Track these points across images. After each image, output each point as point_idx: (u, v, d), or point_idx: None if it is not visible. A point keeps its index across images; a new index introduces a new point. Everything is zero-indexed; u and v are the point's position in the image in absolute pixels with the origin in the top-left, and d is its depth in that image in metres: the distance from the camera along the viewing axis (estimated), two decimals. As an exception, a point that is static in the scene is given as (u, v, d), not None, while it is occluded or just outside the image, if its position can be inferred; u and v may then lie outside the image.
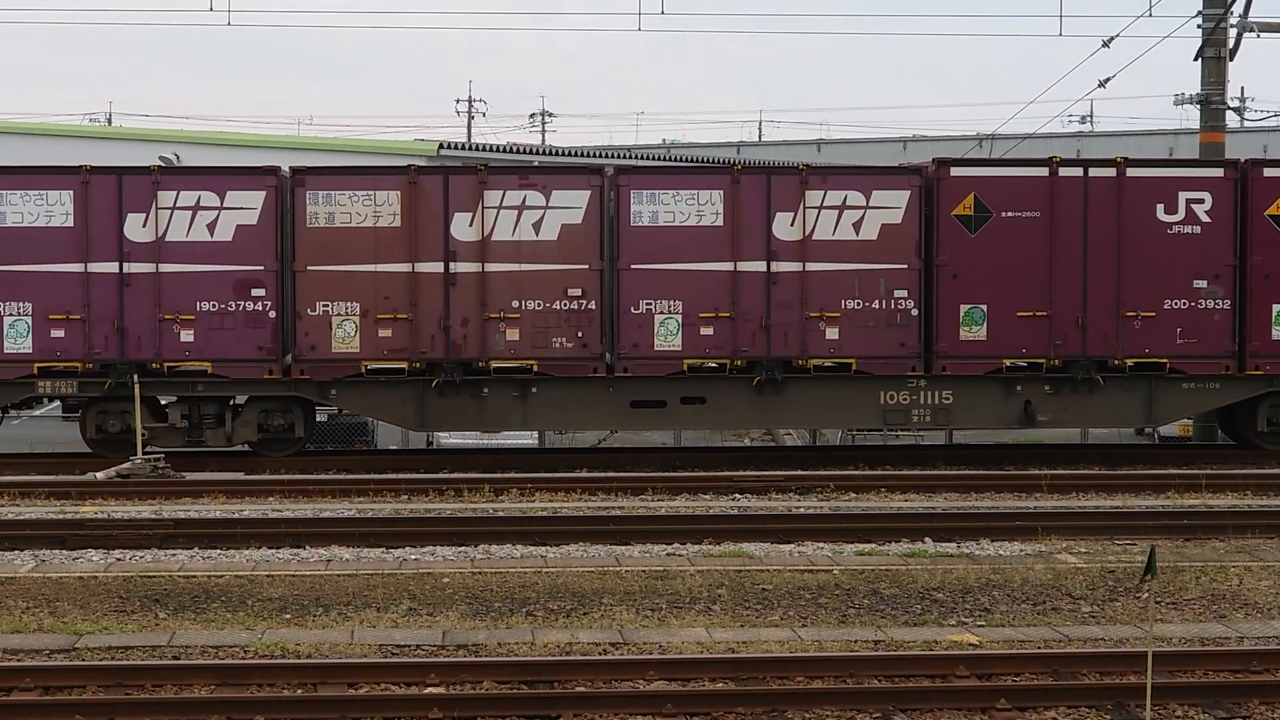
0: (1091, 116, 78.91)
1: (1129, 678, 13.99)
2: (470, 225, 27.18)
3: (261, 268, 27.08)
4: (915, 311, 27.56)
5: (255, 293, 27.11)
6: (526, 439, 32.42)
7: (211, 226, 27.01)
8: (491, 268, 27.22)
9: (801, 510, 23.25)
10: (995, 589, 17.89)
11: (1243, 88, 65.29)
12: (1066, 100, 62.38)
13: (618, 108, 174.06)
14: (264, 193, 27.06)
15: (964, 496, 24.77)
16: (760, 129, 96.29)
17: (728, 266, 27.38)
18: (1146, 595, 17.41)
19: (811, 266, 27.43)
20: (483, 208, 27.17)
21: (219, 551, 20.08)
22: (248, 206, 27.07)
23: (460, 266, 27.20)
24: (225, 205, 27.01)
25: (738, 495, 24.85)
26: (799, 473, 26.26)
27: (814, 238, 27.41)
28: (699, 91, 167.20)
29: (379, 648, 15.21)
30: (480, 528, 21.17)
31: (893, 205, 27.48)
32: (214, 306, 27.08)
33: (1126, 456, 29.06)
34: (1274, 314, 27.90)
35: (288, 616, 16.52)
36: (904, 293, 27.54)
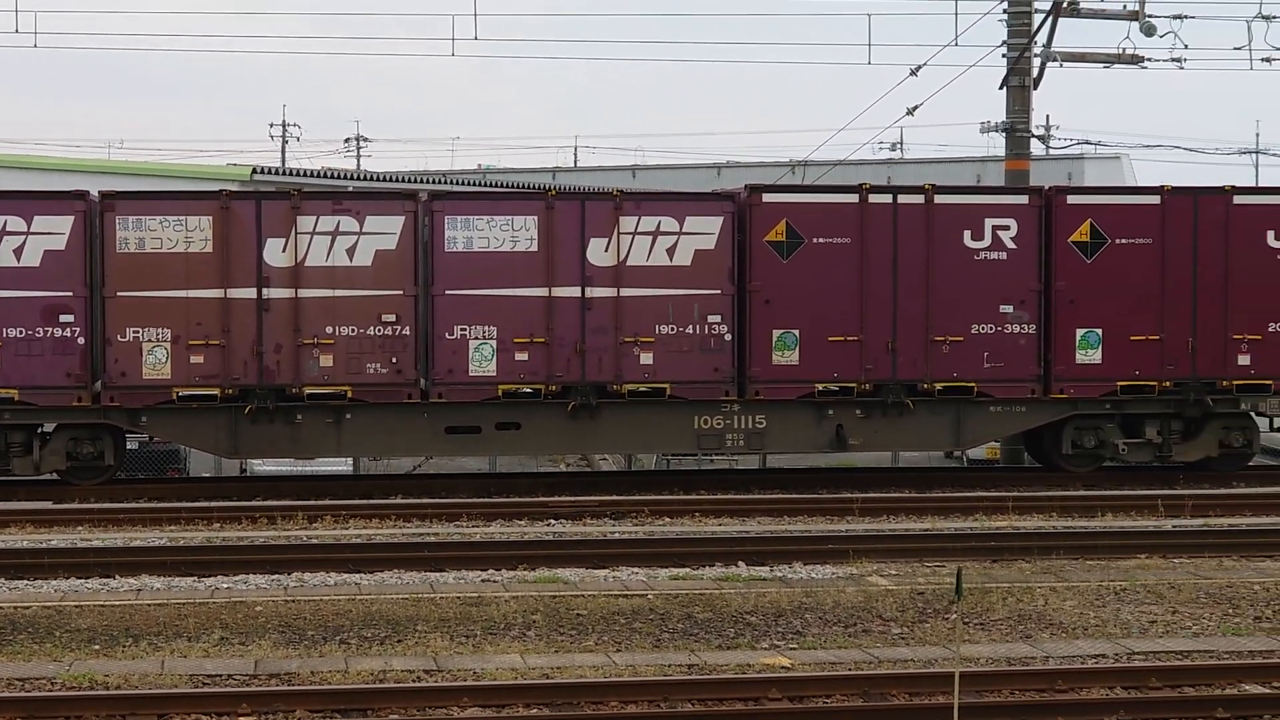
0: (902, 143, 79.89)
1: (938, 698, 14.21)
2: (283, 251, 27.01)
3: (70, 294, 26.71)
4: (729, 337, 27.77)
5: (64, 319, 26.74)
6: (342, 465, 32.24)
7: (19, 252, 26.60)
8: (305, 293, 27.06)
9: (616, 535, 23.36)
10: (808, 612, 18.09)
11: (1048, 116, 66.35)
12: (877, 127, 63.26)
13: (434, 132, 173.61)
14: (72, 218, 26.71)
15: (777, 520, 25.00)
16: (576, 154, 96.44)
17: (542, 292, 27.43)
18: (954, 616, 17.69)
19: (626, 292, 27.56)
20: (296, 233, 27.01)
21: (25, 582, 19.79)
22: (55, 232, 26.70)
23: (273, 292, 27.02)
24: (32, 230, 26.62)
25: (553, 521, 24.90)
26: (614, 498, 26.37)
27: (628, 263, 27.54)
28: (515, 116, 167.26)
29: (190, 678, 15.08)
30: (294, 555, 21.04)
31: (706, 231, 27.69)
32: (21, 333, 26.68)
33: (936, 479, 29.47)
34: (1077, 338, 28.44)
35: (96, 647, 16.34)
36: (718, 318, 27.74)
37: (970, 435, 28.91)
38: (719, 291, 27.69)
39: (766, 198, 28.03)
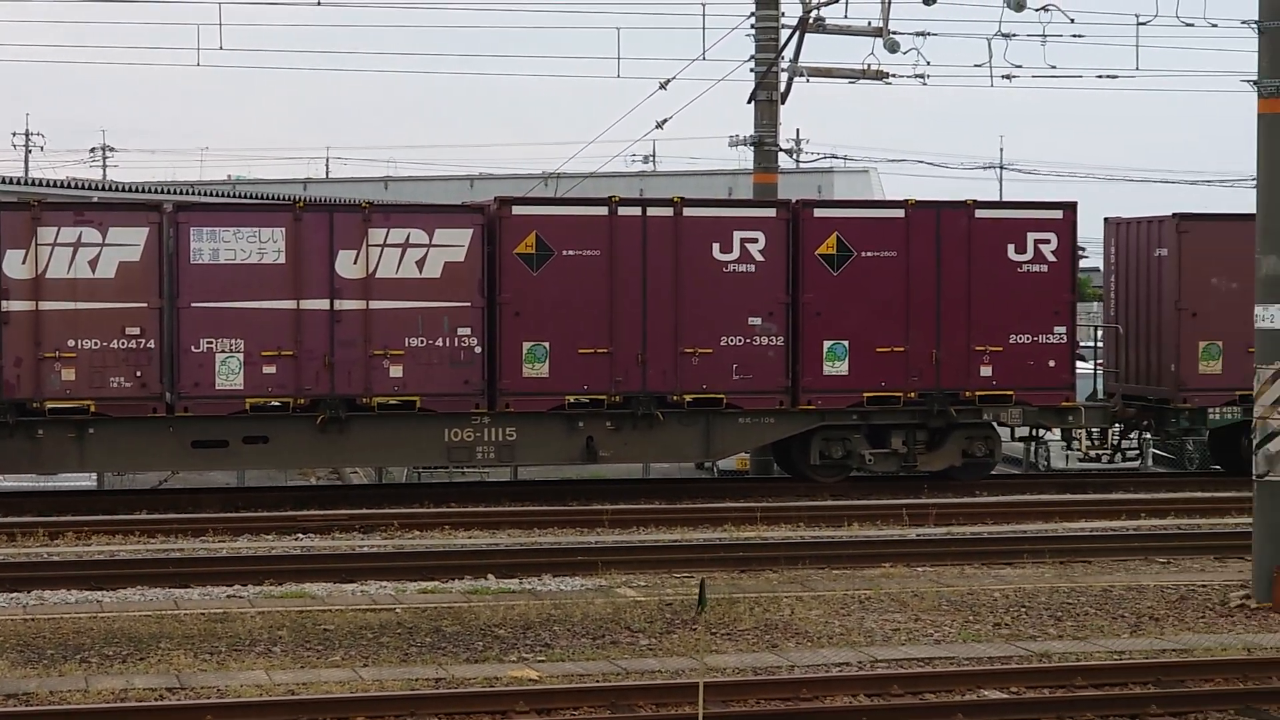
0: (655, 156, 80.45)
1: (684, 709, 14.28)
2: (24, 263, 26.43)
3: None
4: (479, 349, 27.71)
5: None
6: (85, 481, 31.63)
7: None
8: (46, 306, 26.51)
9: (365, 549, 23.20)
10: (556, 624, 18.10)
11: (798, 130, 67.34)
12: (629, 140, 63.63)
13: (183, 143, 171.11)
14: None
15: (527, 532, 24.99)
16: (328, 165, 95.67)
17: (290, 304, 27.16)
18: (699, 627, 17.81)
19: (375, 304, 27.38)
20: (36, 244, 26.45)
21: None
22: None
23: (13, 305, 26.43)
24: None
25: (301, 535, 24.65)
26: (363, 511, 26.19)
27: (378, 276, 27.37)
28: (267, 128, 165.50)
29: (-77, 700, 14.68)
30: (33, 573, 20.61)
31: (456, 244, 27.61)
32: None
33: (686, 490, 29.67)
34: (825, 350, 28.80)
35: None
36: (468, 330, 27.67)
37: (720, 446, 29.14)
38: (469, 304, 27.62)
39: (516, 210, 28.03)
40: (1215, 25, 27.89)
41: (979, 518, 26.35)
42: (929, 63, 33.92)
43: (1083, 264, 73.47)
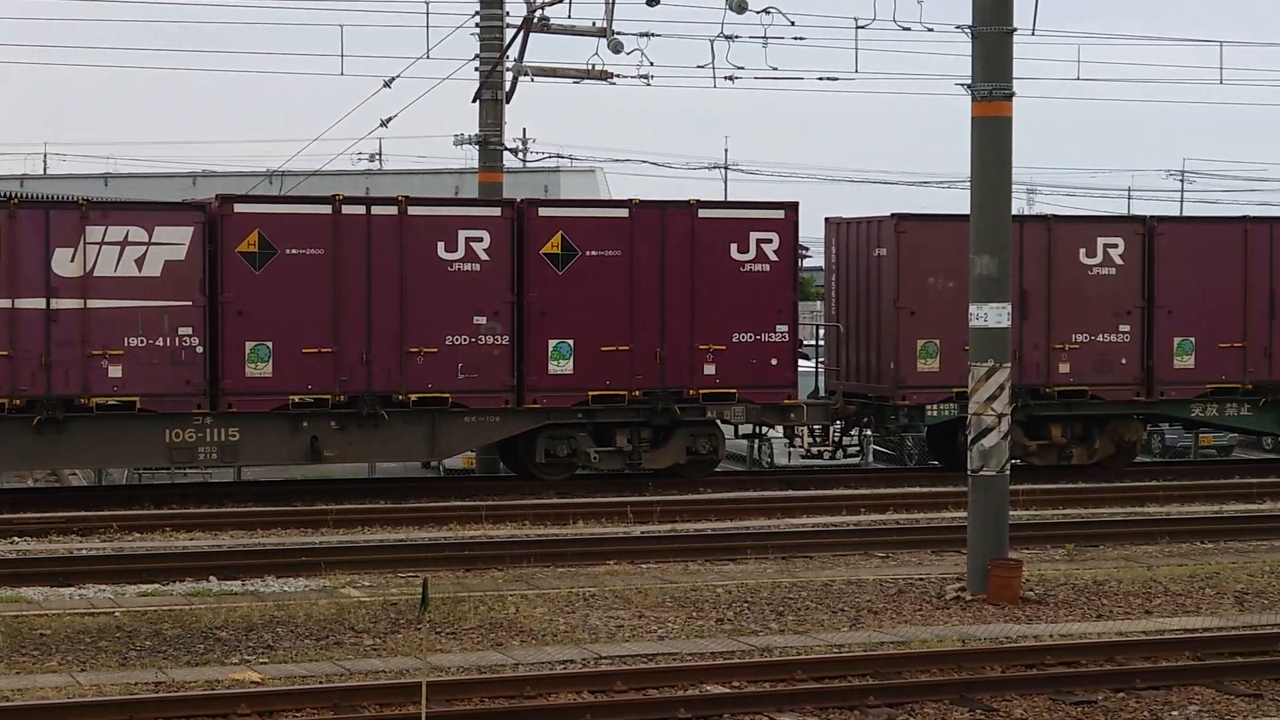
0: (381, 155, 79.90)
1: (408, 708, 14.22)
2: None
3: None
4: (201, 349, 27.31)
5: None
6: None
7: None
8: None
9: (83, 552, 22.75)
10: (279, 625, 17.91)
11: (524, 129, 67.15)
12: (354, 138, 63.11)
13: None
14: None
15: (250, 533, 24.71)
16: (46, 162, 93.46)
17: (4, 303, 26.53)
18: (423, 627, 17.76)
19: (94, 303, 26.85)
20: None
21: None
22: None
23: None
24: None
25: (16, 539, 24.08)
26: (82, 514, 25.68)
27: (96, 274, 26.83)
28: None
29: None
30: None
31: (176, 242, 27.18)
32: None
33: (412, 490, 29.54)
34: (550, 349, 28.86)
35: None
36: (189, 330, 27.26)
37: (446, 445, 29.06)
38: (190, 303, 27.21)
39: (238, 208, 27.69)
40: (931, 30, 28.39)
41: (703, 515, 26.60)
42: (653, 63, 34.24)
43: (805, 263, 74.59)
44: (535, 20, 31.88)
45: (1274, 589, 20.43)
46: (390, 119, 32.72)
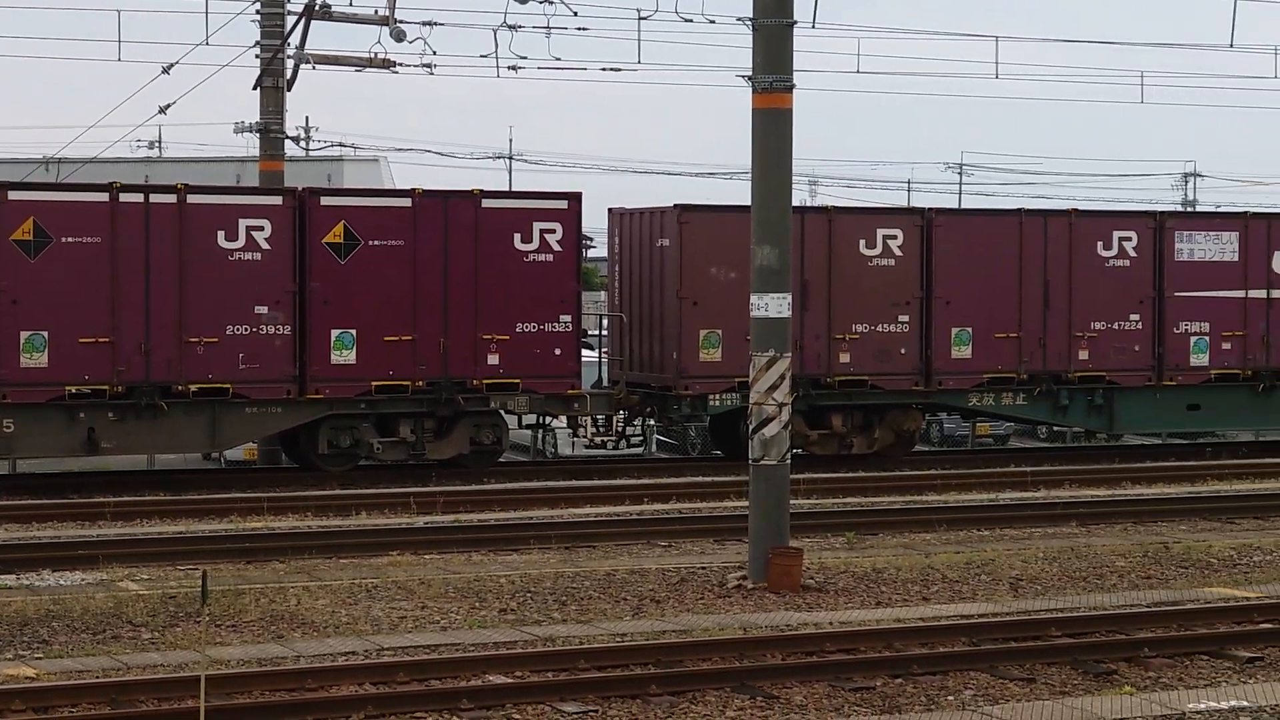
0: (161, 142, 78.76)
1: (186, 702, 14.04)
2: None
3: None
4: (-27, 338, 26.77)
5: None
6: None
7: None
8: None
9: None
10: (55, 620, 17.60)
11: (307, 118, 66.72)
12: (132, 125, 62.08)
13: None
14: None
15: (25, 526, 24.24)
16: None
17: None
18: (203, 620, 17.54)
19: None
20: None
21: None
22: None
23: None
24: None
25: None
26: None
27: None
28: None
29: None
30: None
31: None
32: None
33: (192, 481, 29.18)
34: (333, 339, 28.63)
35: None
36: (-39, 319, 26.70)
37: (227, 436, 28.76)
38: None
39: (12, 195, 27.21)
40: (714, 21, 28.66)
41: (486, 505, 26.56)
42: (435, 52, 34.11)
43: (590, 253, 74.74)
44: (317, 7, 31.61)
45: (1047, 575, 20.83)
46: (169, 106, 32.29)
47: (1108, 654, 16.51)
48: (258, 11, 32.41)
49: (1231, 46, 40.49)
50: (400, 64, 32.37)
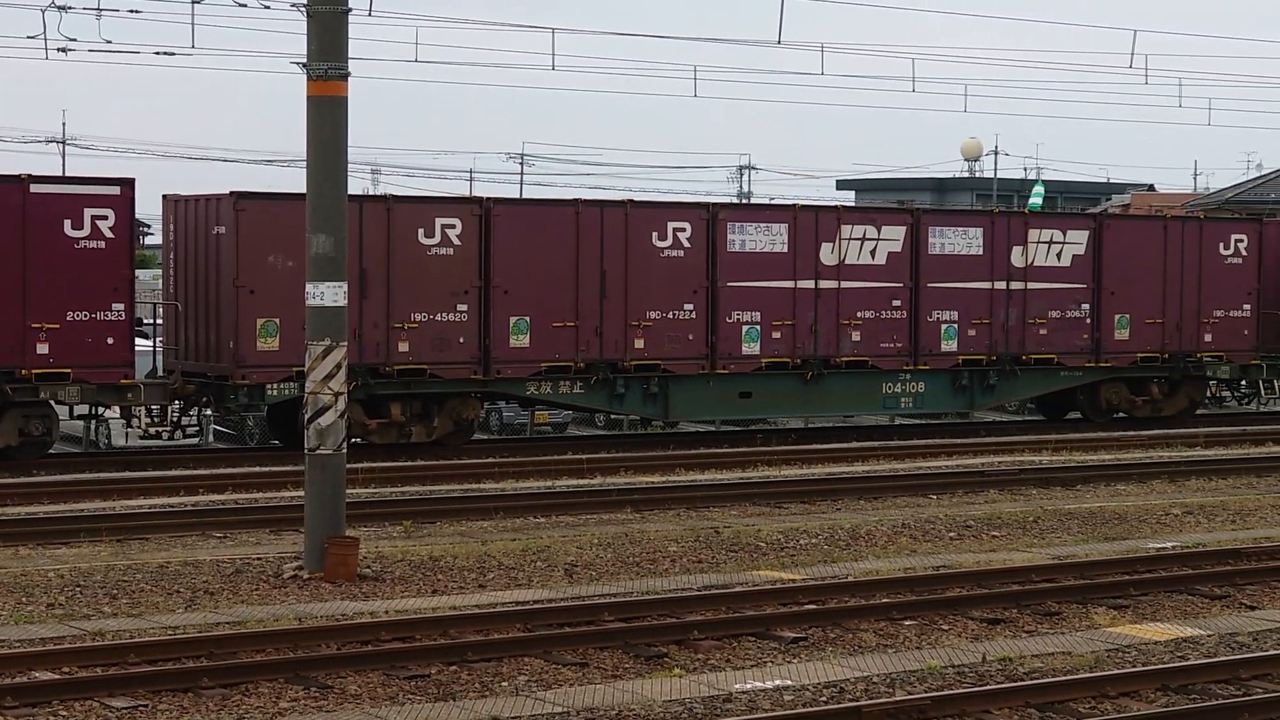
0: None
1: None
2: None
3: None
4: None
5: None
6: None
7: None
8: None
9: None
10: None
11: None
12: None
13: None
14: None
15: None
16: None
17: None
18: None
19: None
20: None
21: None
22: None
23: None
24: None
25: None
26: None
27: None
28: None
29: None
30: None
31: None
32: None
33: None
34: None
35: None
36: None
37: None
38: None
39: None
40: (268, 6, 28.31)
41: (35, 498, 25.84)
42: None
43: (147, 241, 73.20)
44: None
45: (602, 560, 21.16)
46: None
47: (659, 637, 16.87)
48: None
49: (779, 43, 41.69)
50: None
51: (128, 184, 29.57)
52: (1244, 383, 41.67)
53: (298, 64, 19.98)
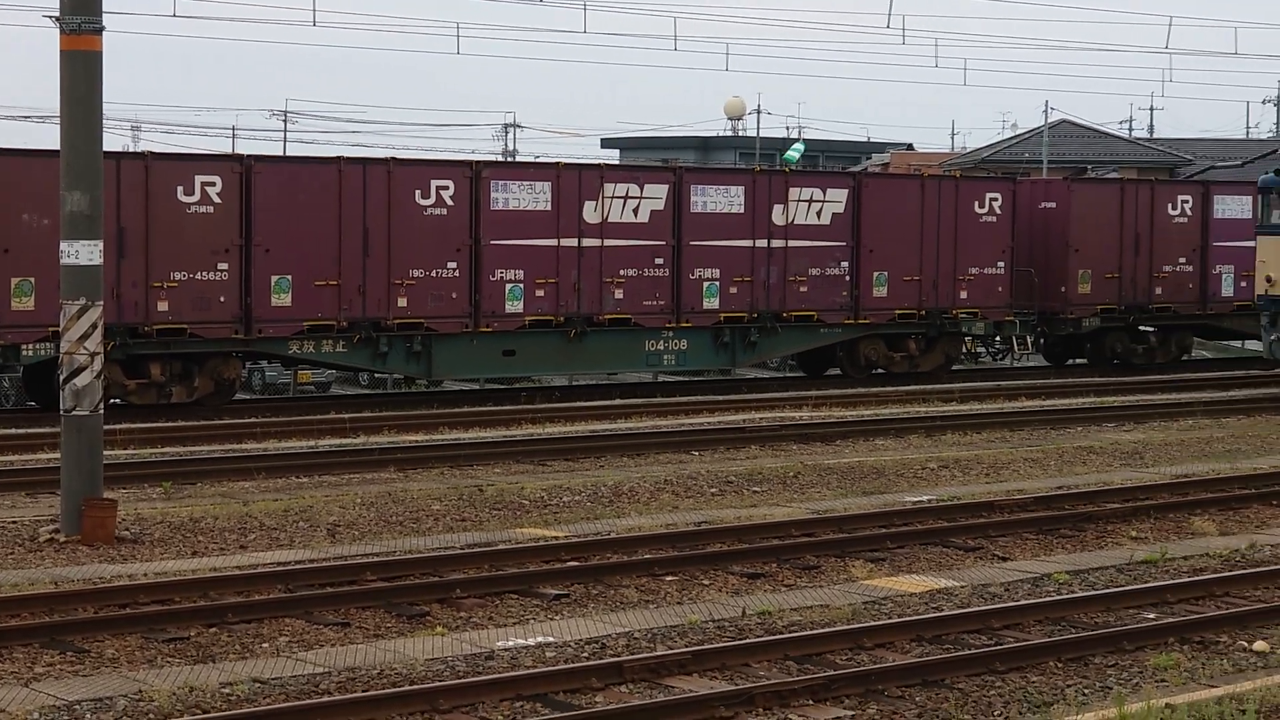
0: None
1: None
2: None
3: None
4: None
5: None
6: None
7: None
8: None
9: None
10: None
11: None
12: None
13: None
14: None
15: None
16: None
17: None
18: None
19: None
20: None
21: None
22: None
23: None
24: None
25: None
26: None
27: None
28: None
29: None
30: None
31: None
32: None
33: None
34: None
35: None
36: None
37: None
38: None
39: None
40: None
41: None
42: None
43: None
44: None
45: (365, 520, 21.08)
46: None
47: (421, 596, 16.88)
48: None
49: (542, 1, 41.62)
50: None
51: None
52: (998, 339, 42.54)
53: (50, 17, 19.60)
